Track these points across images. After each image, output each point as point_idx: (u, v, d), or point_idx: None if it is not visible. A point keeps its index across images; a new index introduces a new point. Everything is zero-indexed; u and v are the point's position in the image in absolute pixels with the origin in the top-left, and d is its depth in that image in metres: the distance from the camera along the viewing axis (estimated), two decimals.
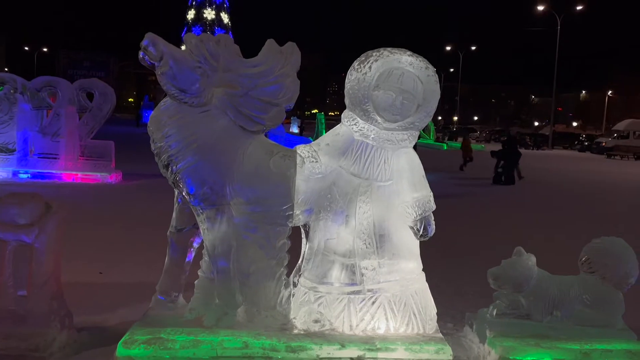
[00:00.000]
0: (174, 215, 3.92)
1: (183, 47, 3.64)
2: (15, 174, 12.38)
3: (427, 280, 3.96)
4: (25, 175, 12.40)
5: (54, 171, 12.50)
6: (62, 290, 3.92)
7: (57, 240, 3.82)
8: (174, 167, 3.57)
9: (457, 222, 9.62)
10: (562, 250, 7.34)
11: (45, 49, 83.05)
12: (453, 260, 6.87)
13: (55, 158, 12.63)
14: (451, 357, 3.67)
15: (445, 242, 7.29)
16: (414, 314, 3.82)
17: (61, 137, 12.56)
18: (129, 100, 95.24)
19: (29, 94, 12.37)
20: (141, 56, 3.46)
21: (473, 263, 6.61)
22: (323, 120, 27.34)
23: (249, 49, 3.75)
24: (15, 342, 3.53)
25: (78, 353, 3.75)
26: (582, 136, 50.84)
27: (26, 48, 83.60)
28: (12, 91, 12.33)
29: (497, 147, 20.08)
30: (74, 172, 12.54)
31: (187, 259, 3.97)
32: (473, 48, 67.12)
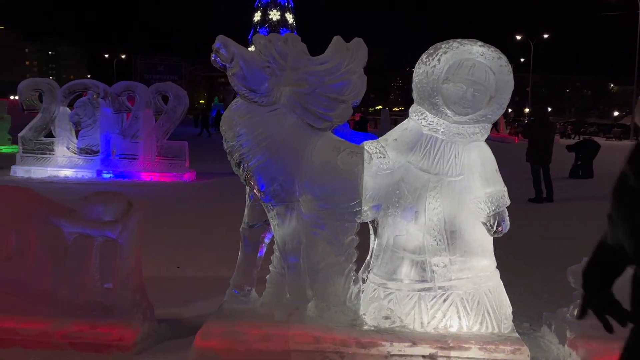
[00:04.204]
0: (245, 212, 4.02)
1: (251, 48, 3.73)
2: (99, 173, 13.20)
3: (500, 278, 3.83)
4: (108, 175, 13.19)
5: (133, 171, 13.22)
6: (143, 284, 4.13)
7: (139, 236, 4.03)
8: (245, 165, 3.67)
9: (531, 218, 9.22)
10: None
11: (123, 56, 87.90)
12: (527, 258, 6.59)
13: (134, 158, 13.33)
14: (529, 358, 3.53)
15: (519, 238, 7.00)
16: (488, 313, 3.71)
17: (139, 139, 13.25)
18: (200, 102, 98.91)
19: (110, 98, 13.14)
20: (213, 58, 3.57)
21: (548, 261, 6.31)
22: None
23: (314, 48, 3.77)
24: (102, 332, 3.77)
25: (159, 343, 3.94)
26: None
27: (106, 55, 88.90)
28: (95, 96, 13.15)
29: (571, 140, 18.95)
30: (151, 172, 13.19)
31: (258, 254, 4.07)
32: (545, 36, 63.71)
